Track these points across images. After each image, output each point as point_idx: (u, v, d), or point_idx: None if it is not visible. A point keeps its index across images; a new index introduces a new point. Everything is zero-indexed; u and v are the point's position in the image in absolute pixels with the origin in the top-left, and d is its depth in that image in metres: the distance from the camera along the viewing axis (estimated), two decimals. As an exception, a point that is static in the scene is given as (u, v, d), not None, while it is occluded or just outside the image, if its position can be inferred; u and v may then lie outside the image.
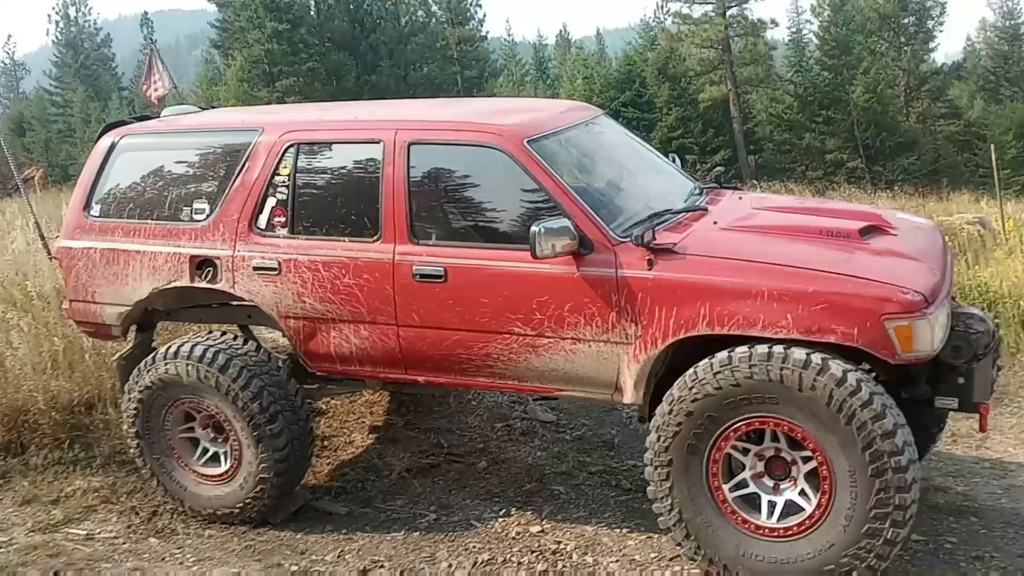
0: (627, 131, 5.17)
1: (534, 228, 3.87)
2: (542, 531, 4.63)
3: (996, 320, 5.41)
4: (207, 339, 4.80)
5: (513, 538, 4.58)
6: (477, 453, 5.67)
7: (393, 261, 4.34)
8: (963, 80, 44.46)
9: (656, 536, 4.50)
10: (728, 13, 40.10)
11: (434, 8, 47.26)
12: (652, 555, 4.29)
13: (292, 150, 4.61)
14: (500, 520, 4.79)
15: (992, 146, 14.71)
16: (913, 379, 3.84)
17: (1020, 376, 6.63)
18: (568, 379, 4.17)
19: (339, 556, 4.49)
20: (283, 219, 4.62)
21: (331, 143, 4.60)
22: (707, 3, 40.48)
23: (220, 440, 4.90)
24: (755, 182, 23.03)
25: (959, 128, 40.61)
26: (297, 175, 4.60)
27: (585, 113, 4.93)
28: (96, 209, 5.04)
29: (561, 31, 74.67)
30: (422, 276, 4.29)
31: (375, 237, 4.40)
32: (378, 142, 4.43)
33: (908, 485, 3.45)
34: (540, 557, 4.34)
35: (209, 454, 4.93)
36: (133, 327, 5.27)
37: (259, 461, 4.67)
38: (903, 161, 37.04)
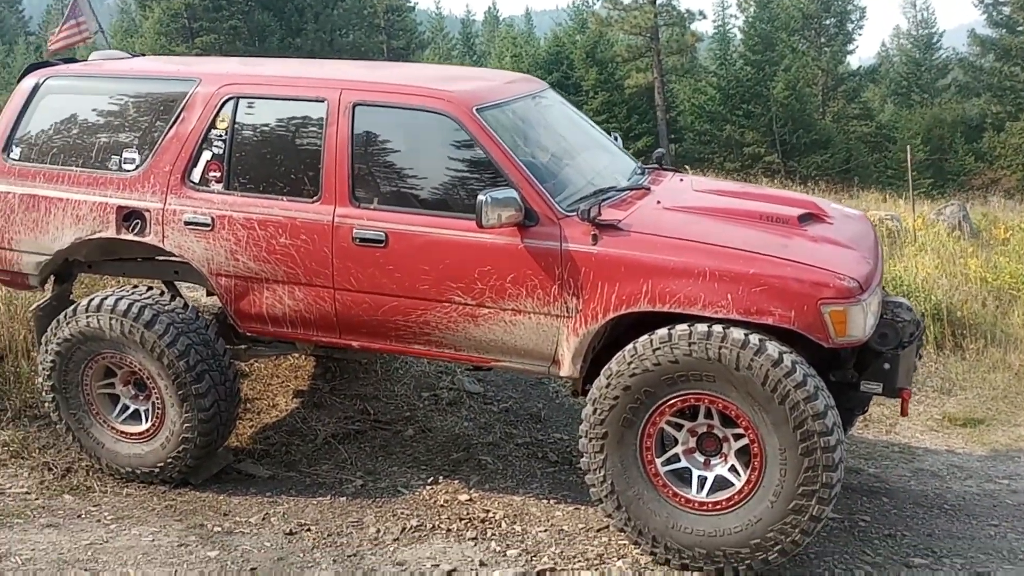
0: (571, 107, 5.18)
1: (481, 197, 3.85)
2: (470, 500, 4.64)
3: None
4: (132, 293, 4.63)
5: (441, 505, 4.58)
6: (404, 421, 5.64)
7: (333, 223, 4.26)
8: (877, 84, 45.97)
9: (583, 508, 4.56)
10: (658, 2, 40.46)
11: (363, -26, 46.28)
12: (580, 526, 4.35)
13: (231, 103, 4.47)
14: (428, 487, 4.78)
15: (909, 147, 15.27)
16: (841, 363, 3.97)
17: (928, 366, 6.94)
18: (506, 350, 4.17)
19: (263, 519, 4.41)
20: (218, 174, 4.48)
21: (273, 99, 4.47)
22: (638, -10, 40.76)
23: (141, 397, 4.76)
24: (687, 168, 23.38)
25: (871, 130, 41.96)
26: (235, 129, 4.46)
27: (532, 86, 4.91)
28: (16, 152, 4.79)
29: (490, 8, 74.09)
30: (362, 240, 4.22)
31: (315, 198, 4.31)
32: (322, 101, 4.33)
33: (835, 464, 3.57)
34: (469, 525, 4.35)
35: (129, 411, 4.78)
36: (51, 277, 5.06)
37: (183, 421, 4.54)
38: (817, 158, 38.11)
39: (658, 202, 4.30)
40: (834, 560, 3.99)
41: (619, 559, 3.98)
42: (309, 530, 4.29)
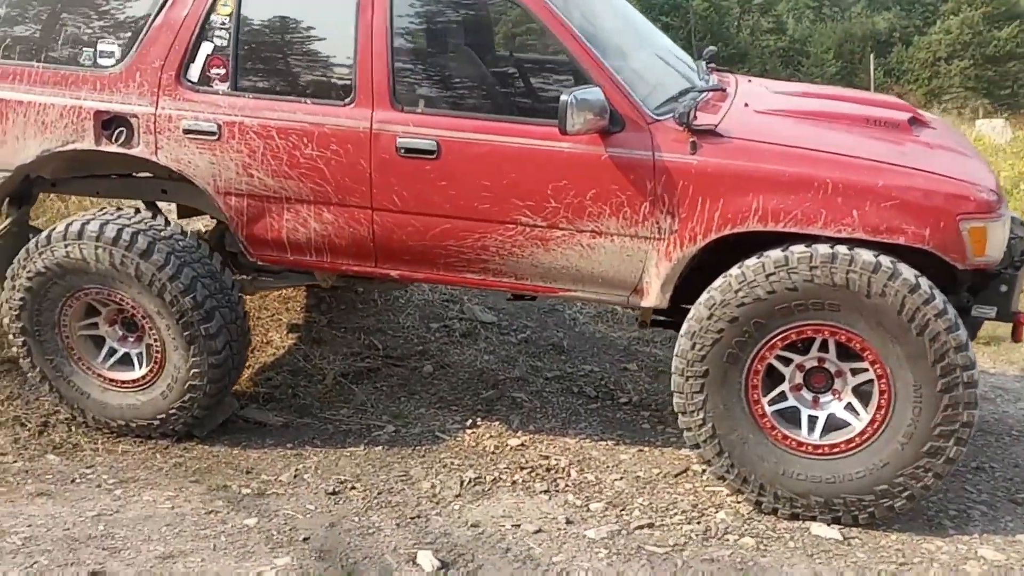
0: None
1: (565, 97, 3.25)
2: (522, 445, 4.15)
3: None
4: (118, 216, 3.88)
5: (492, 453, 4.07)
6: (417, 356, 5.07)
7: (371, 131, 3.59)
8: (790, -2, 45.92)
9: (647, 449, 4.15)
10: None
11: None
12: (655, 471, 3.92)
13: (236, -17, 3.70)
14: (468, 432, 4.26)
15: (872, 56, 15.05)
16: (956, 286, 3.58)
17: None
18: (580, 278, 3.64)
19: (295, 476, 3.82)
20: (223, 71, 3.73)
21: (289, -22, 3.72)
22: None
23: (132, 339, 4.06)
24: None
25: (784, 44, 42.07)
26: (242, 15, 3.71)
27: None
28: (-42, 44, 3.91)
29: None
30: (408, 151, 3.58)
31: (347, 100, 3.63)
32: (353, -20, 3.61)
33: (976, 401, 3.21)
34: (534, 475, 3.86)
35: (117, 355, 4.08)
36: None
37: (190, 366, 3.88)
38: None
39: (746, 104, 3.78)
40: (942, 501, 3.67)
41: (717, 510, 3.57)
42: (353, 488, 3.73)
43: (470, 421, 4.36)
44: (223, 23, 3.70)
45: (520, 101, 3.58)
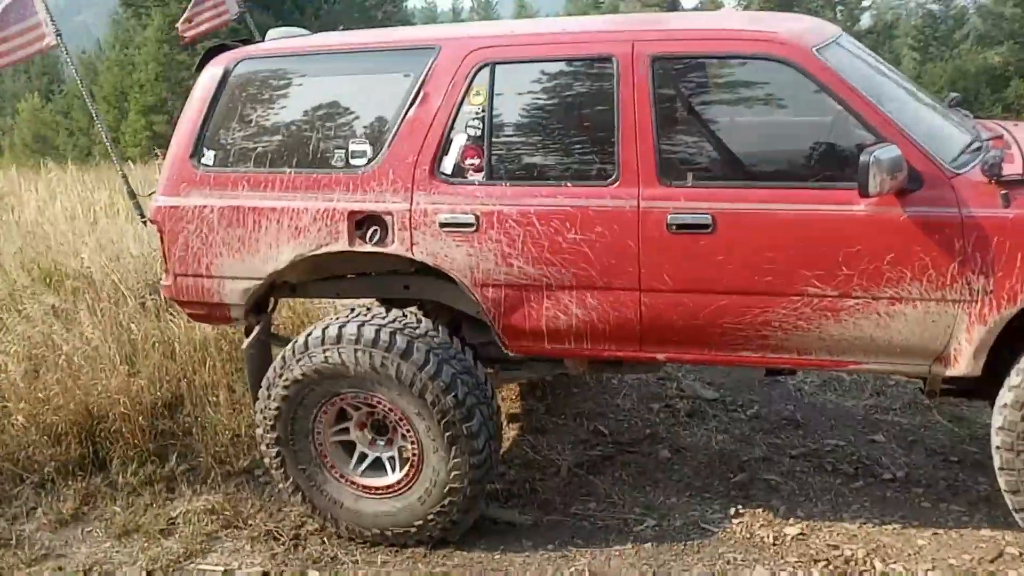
0: (866, 49, 4.32)
1: (866, 158, 3.02)
2: (801, 533, 3.82)
3: None
4: (372, 317, 3.80)
5: (773, 544, 3.76)
6: (648, 440, 4.82)
7: (639, 209, 3.43)
8: (893, 38, 45.15)
9: (941, 532, 3.76)
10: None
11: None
12: (965, 556, 3.54)
13: (486, 72, 3.63)
14: (735, 521, 3.96)
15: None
16: None
17: None
18: (874, 349, 3.35)
19: (573, 582, 3.60)
20: (477, 161, 3.64)
21: (541, 61, 3.63)
22: None
23: (382, 443, 3.94)
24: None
25: (891, 86, 41.02)
26: (495, 105, 3.63)
27: (831, 28, 4.01)
28: (209, 157, 3.95)
29: (479, -3, 72.84)
30: (680, 227, 3.39)
31: (610, 180, 3.48)
32: (608, 59, 3.49)
33: None
34: (832, 569, 3.53)
35: (368, 461, 3.96)
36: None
37: (450, 468, 3.72)
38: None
39: (1039, 152, 3.48)
40: None
41: (1068, 602, 3.17)
42: (641, 592, 3.47)
43: (732, 509, 4.06)
44: (476, 113, 3.63)
45: (798, 165, 3.37)
